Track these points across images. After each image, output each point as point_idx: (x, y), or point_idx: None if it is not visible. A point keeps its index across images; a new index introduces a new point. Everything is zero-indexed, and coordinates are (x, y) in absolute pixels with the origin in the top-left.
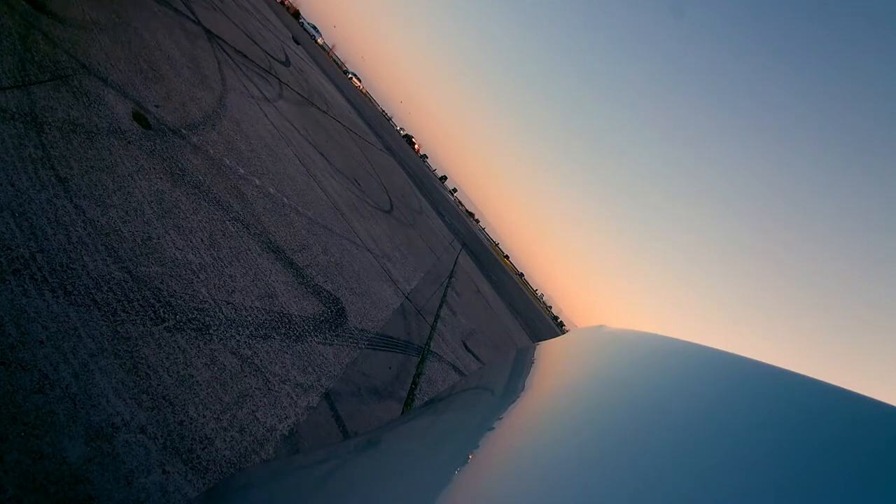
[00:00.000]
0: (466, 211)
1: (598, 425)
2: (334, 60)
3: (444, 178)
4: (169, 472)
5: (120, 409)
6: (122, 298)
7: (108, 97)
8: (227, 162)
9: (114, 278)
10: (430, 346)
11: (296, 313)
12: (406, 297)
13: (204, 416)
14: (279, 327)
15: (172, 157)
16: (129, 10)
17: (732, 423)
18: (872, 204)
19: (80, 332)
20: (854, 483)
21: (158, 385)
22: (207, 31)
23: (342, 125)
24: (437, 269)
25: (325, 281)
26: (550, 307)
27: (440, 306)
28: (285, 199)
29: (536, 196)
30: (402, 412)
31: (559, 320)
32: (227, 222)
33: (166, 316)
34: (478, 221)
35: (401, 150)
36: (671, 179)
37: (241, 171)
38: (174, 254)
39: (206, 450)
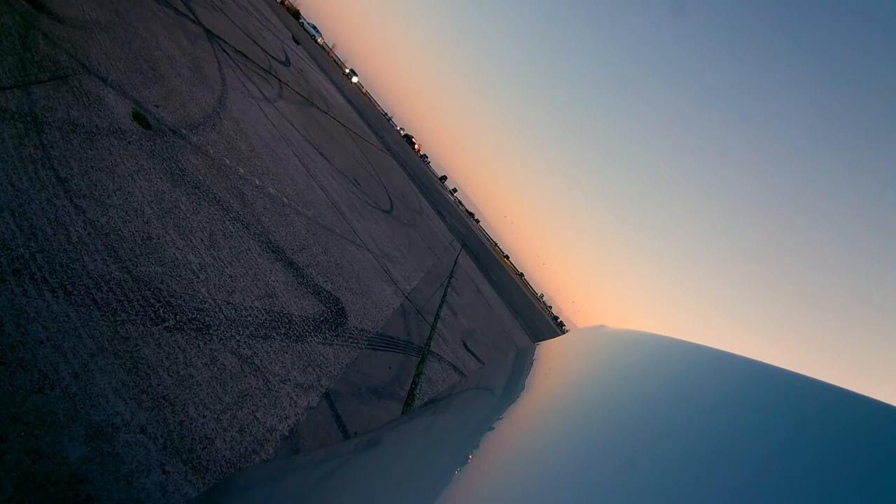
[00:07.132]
0: (466, 211)
1: (598, 425)
2: (334, 60)
3: (444, 177)
4: (169, 472)
5: (120, 409)
6: (122, 298)
7: (107, 97)
8: (227, 162)
9: (114, 278)
10: (430, 346)
11: (296, 313)
12: (406, 297)
13: (204, 416)
14: (279, 327)
15: (172, 157)
16: (129, 10)
17: (732, 423)
18: (873, 204)
19: (80, 332)
20: (854, 483)
21: (158, 385)
22: (207, 31)
23: (342, 125)
24: (437, 269)
25: (325, 281)
26: (550, 307)
27: (440, 306)
28: (285, 199)
29: (536, 196)
30: (402, 412)
31: (559, 320)
32: (227, 222)
33: (166, 316)
34: (478, 221)
35: (401, 150)
36: (671, 179)
37: (241, 171)
38: (174, 254)
39: (206, 450)
